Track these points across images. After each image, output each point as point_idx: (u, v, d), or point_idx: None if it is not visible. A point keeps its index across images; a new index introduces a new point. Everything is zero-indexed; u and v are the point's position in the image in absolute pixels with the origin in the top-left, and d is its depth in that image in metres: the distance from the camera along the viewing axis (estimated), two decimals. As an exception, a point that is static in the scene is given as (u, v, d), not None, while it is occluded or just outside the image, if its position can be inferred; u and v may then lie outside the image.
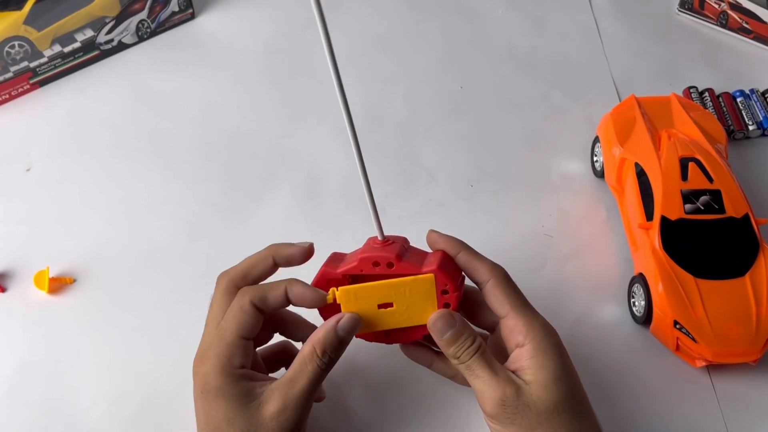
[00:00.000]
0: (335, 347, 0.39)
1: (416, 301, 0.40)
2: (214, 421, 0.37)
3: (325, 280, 0.41)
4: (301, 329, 0.44)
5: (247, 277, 0.41)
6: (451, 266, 0.41)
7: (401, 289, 0.40)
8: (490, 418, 0.39)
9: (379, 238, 0.40)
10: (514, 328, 0.39)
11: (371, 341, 0.42)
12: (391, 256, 0.39)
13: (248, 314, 0.39)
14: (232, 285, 0.41)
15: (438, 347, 0.42)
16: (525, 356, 0.39)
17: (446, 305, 0.40)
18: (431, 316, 0.40)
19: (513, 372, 0.39)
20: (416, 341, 0.43)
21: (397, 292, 0.40)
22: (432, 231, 0.42)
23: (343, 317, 0.39)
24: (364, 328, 0.41)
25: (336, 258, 0.42)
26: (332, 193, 0.59)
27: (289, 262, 0.42)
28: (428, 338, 0.42)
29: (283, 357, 0.45)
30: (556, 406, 0.37)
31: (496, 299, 0.40)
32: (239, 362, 0.39)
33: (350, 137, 0.38)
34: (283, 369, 0.44)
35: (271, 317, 0.42)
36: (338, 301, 0.40)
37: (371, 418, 0.47)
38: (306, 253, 0.42)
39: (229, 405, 0.37)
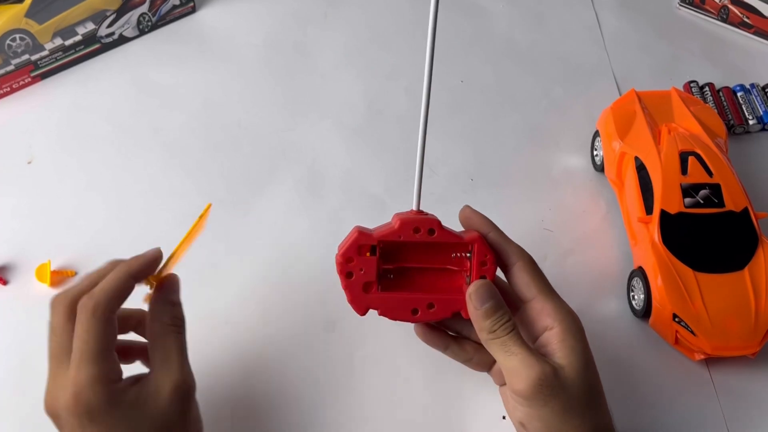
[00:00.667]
0: (168, 289, 0.40)
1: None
2: None
3: (357, 246, 0.39)
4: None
5: (112, 296, 0.37)
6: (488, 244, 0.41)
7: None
8: (522, 398, 0.38)
9: (415, 208, 0.40)
10: (541, 311, 0.39)
11: (396, 320, 0.41)
12: (434, 222, 0.39)
13: (110, 324, 0.37)
14: (95, 304, 0.37)
15: (455, 330, 0.42)
16: (554, 339, 0.38)
17: (482, 278, 0.40)
18: (471, 285, 0.40)
19: (543, 347, 0.39)
20: (432, 325, 0.43)
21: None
22: (467, 206, 0.42)
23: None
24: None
25: (362, 231, 0.40)
26: (333, 187, 0.59)
27: (147, 275, 0.40)
28: (452, 320, 0.41)
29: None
30: (587, 391, 0.38)
31: (523, 282, 0.40)
32: (116, 375, 0.37)
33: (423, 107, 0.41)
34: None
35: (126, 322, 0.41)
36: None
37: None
38: (155, 263, 0.40)
39: (124, 418, 0.35)
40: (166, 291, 0.40)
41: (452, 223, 0.57)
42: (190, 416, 0.39)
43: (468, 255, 0.40)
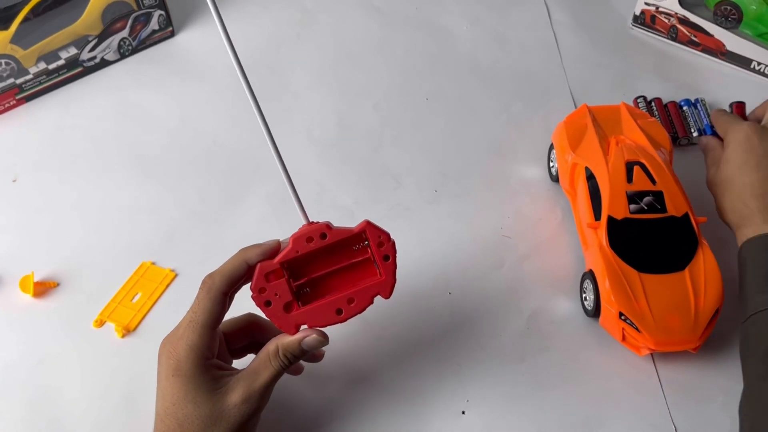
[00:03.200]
0: (295, 356, 0.43)
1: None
2: (181, 402, 0.41)
3: (263, 275, 0.42)
4: (273, 334, 0.47)
5: (227, 278, 0.43)
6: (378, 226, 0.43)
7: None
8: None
9: (305, 221, 0.43)
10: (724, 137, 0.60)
11: (326, 326, 0.43)
12: (322, 227, 0.42)
13: (218, 305, 0.42)
14: (212, 283, 0.43)
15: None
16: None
17: (386, 257, 0.42)
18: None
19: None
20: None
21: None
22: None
23: (311, 336, 0.43)
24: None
25: (262, 262, 0.43)
26: (305, 199, 0.61)
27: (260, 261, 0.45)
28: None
29: (247, 334, 0.48)
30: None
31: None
32: (209, 352, 0.42)
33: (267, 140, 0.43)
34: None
35: (249, 324, 0.47)
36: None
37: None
38: (272, 251, 0.44)
39: (198, 390, 0.41)
40: (310, 344, 0.43)
41: (417, 228, 0.61)
42: (247, 427, 0.42)
43: (366, 243, 0.43)
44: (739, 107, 0.65)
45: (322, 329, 0.43)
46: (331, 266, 0.43)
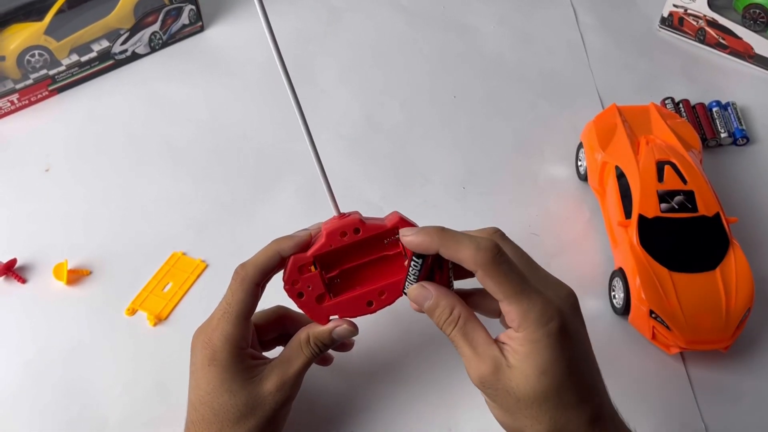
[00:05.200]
0: (325, 344, 0.44)
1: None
2: (217, 390, 0.41)
3: (297, 267, 0.42)
4: (302, 325, 0.47)
5: (260, 269, 0.43)
6: (410, 220, 0.43)
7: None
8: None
9: (336, 213, 0.43)
10: (508, 314, 0.38)
11: (356, 317, 0.43)
12: (356, 222, 0.42)
13: (251, 295, 0.42)
14: (245, 274, 0.43)
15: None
16: (516, 342, 0.37)
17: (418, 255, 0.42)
18: (409, 291, 0.41)
19: (504, 344, 0.38)
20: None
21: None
22: (404, 235, 0.40)
23: (342, 326, 0.43)
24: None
25: (296, 255, 0.43)
26: (322, 181, 0.63)
27: (295, 253, 0.44)
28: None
29: (277, 326, 0.48)
30: (537, 397, 0.37)
31: (489, 288, 0.38)
32: (244, 342, 0.42)
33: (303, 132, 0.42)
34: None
35: (279, 317, 0.47)
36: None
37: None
38: (305, 244, 0.44)
39: (234, 379, 0.41)
40: (341, 334, 0.43)
41: (445, 225, 0.61)
42: (280, 414, 0.43)
43: (397, 236, 0.42)
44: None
45: (353, 320, 0.44)
46: (363, 258, 0.43)
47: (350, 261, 0.43)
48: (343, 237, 0.42)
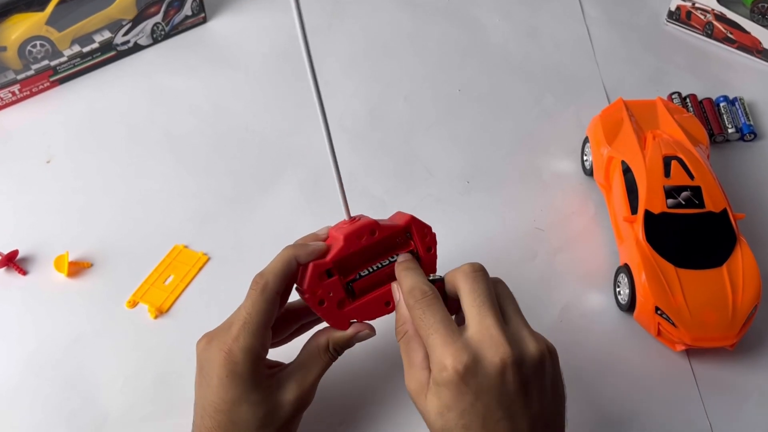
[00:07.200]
0: (344, 348, 0.43)
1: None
2: (237, 401, 0.40)
3: (317, 274, 0.41)
4: (309, 316, 0.46)
5: (280, 277, 0.41)
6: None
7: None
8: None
9: (347, 218, 0.43)
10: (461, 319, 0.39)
11: (375, 318, 0.43)
12: (372, 224, 0.42)
13: (273, 305, 0.41)
14: (265, 283, 0.41)
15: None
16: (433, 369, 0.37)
17: (428, 249, 0.43)
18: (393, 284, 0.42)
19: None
20: None
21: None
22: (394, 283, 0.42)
23: (364, 331, 0.43)
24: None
25: (315, 262, 0.42)
26: (336, 188, 0.62)
27: (311, 260, 0.43)
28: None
29: (288, 323, 0.46)
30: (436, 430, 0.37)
31: (458, 290, 0.40)
32: (264, 352, 0.41)
33: (323, 130, 0.41)
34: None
35: (286, 315, 0.45)
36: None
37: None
38: (321, 253, 0.42)
39: (254, 390, 0.40)
40: (362, 338, 0.43)
41: (449, 219, 0.61)
42: (295, 421, 0.43)
43: (409, 234, 0.43)
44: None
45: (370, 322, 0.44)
46: (378, 260, 0.43)
47: (366, 263, 0.43)
48: (360, 239, 0.42)
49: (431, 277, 0.42)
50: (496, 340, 0.36)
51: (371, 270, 0.43)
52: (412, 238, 0.43)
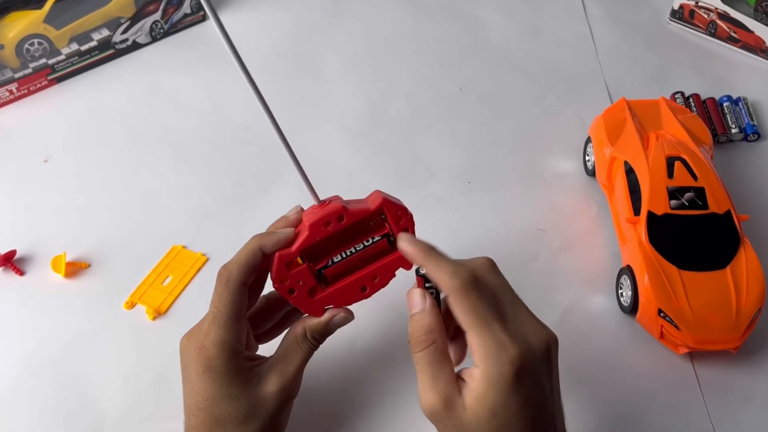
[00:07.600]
0: (323, 335, 0.42)
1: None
2: (215, 397, 0.40)
3: (283, 264, 0.41)
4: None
5: (243, 267, 0.41)
6: (393, 199, 0.42)
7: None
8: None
9: (316, 202, 0.42)
10: (471, 348, 0.37)
11: (351, 304, 0.43)
12: (339, 209, 0.40)
13: (238, 295, 0.40)
14: (228, 274, 0.41)
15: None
16: (474, 380, 0.36)
17: (405, 230, 0.41)
18: (410, 291, 0.40)
19: (463, 382, 0.37)
20: None
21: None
22: (401, 240, 0.40)
23: (339, 315, 0.42)
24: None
25: (281, 252, 0.41)
26: (336, 187, 0.61)
27: (277, 249, 0.42)
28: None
29: (269, 316, 0.46)
30: None
31: (457, 316, 0.37)
32: (240, 345, 0.41)
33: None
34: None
35: (269, 304, 0.45)
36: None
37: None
38: (288, 241, 0.42)
39: (232, 384, 0.40)
40: (339, 322, 0.42)
41: (450, 219, 0.60)
42: (283, 413, 0.42)
43: (383, 217, 0.42)
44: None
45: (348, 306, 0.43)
46: (350, 245, 0.42)
47: (337, 248, 0.42)
48: (327, 227, 0.40)
49: (417, 270, 0.40)
50: (502, 342, 0.36)
51: (344, 256, 0.42)
52: (386, 221, 0.42)
